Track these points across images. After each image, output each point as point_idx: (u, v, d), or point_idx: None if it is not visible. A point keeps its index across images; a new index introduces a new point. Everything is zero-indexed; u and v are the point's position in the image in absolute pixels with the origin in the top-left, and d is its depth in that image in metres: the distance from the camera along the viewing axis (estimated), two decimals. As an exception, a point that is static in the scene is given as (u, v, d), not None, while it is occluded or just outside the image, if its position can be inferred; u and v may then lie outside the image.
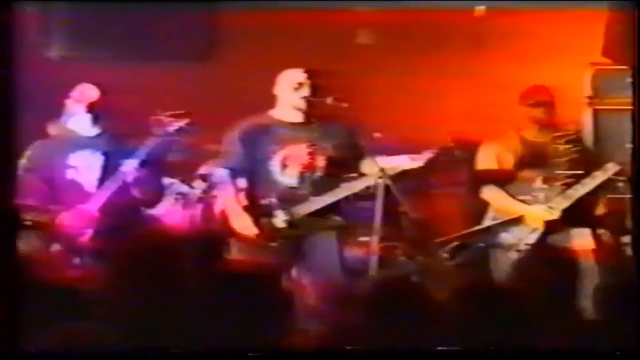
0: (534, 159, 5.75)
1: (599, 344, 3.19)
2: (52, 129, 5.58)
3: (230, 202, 5.56)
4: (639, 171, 4.66)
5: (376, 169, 5.44)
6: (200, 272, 3.39)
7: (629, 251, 5.50)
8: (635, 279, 3.93)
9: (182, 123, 5.47)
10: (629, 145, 5.07)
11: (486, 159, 5.85)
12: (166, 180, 6.50)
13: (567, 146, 5.74)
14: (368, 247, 5.68)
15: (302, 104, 5.52)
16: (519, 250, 5.60)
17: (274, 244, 5.47)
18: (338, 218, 5.56)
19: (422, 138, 6.15)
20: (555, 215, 5.60)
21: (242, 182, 5.62)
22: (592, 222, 5.74)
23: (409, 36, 7.44)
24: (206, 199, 6.54)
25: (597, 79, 7.09)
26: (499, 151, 5.81)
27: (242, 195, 5.58)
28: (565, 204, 5.62)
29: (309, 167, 5.52)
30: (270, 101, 5.73)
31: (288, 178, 5.53)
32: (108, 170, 5.47)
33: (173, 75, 7.22)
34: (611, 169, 5.58)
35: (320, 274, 5.33)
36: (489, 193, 5.80)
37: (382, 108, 6.81)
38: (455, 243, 5.71)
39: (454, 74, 7.39)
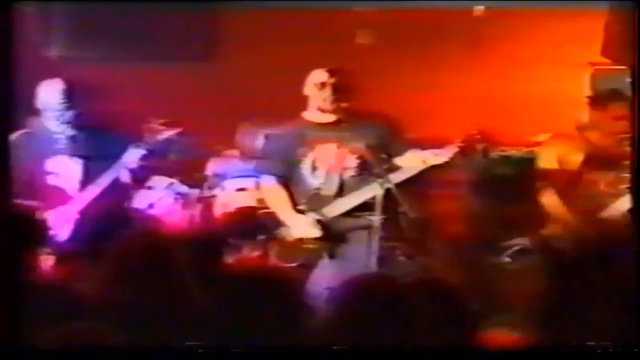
0: (597, 161, 5.60)
1: (599, 344, 3.19)
2: (34, 124, 5.54)
3: (282, 206, 5.53)
4: (638, 171, 4.65)
5: (410, 164, 5.42)
6: (203, 272, 3.40)
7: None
8: (635, 279, 3.92)
9: (172, 132, 5.41)
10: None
11: (548, 160, 5.69)
12: (166, 180, 6.52)
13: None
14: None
15: (325, 104, 5.47)
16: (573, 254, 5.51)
17: (310, 246, 5.45)
18: (371, 217, 5.47)
19: (423, 138, 6.16)
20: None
21: (284, 186, 5.59)
22: None
23: (409, 36, 7.44)
24: (206, 199, 6.55)
25: (596, 79, 7.09)
26: (562, 152, 5.65)
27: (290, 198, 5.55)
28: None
29: (337, 167, 5.50)
30: (270, 101, 5.73)
31: (319, 179, 5.51)
32: (90, 170, 5.44)
33: (173, 75, 7.23)
34: None
35: (351, 274, 5.27)
36: (547, 198, 5.66)
37: (381, 108, 6.80)
38: (519, 246, 5.62)
39: (453, 74, 7.40)
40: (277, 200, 5.51)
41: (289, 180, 5.52)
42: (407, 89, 7.31)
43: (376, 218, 5.39)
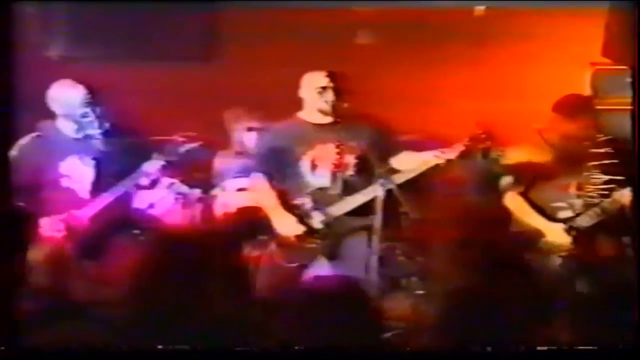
0: (567, 165, 5.56)
1: (599, 344, 3.19)
2: (43, 127, 5.55)
3: (271, 205, 5.55)
4: (638, 172, 4.66)
5: (409, 165, 5.43)
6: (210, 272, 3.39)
7: (628, 251, 5.48)
8: (635, 279, 3.92)
9: (193, 145, 5.46)
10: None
11: (517, 163, 5.66)
12: (167, 180, 6.52)
13: (600, 150, 5.55)
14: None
15: (327, 107, 5.51)
16: (561, 256, 5.46)
17: (312, 245, 5.48)
18: (371, 217, 5.48)
19: (423, 137, 6.16)
20: (572, 237, 5.47)
21: (276, 185, 5.61)
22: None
23: (409, 36, 7.44)
24: (206, 199, 6.55)
25: (597, 79, 7.09)
26: (529, 156, 5.63)
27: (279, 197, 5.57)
28: (595, 218, 5.49)
29: (339, 167, 5.53)
30: (270, 101, 5.74)
31: (319, 179, 5.53)
32: (102, 176, 5.46)
33: (173, 75, 7.23)
34: None
35: (351, 275, 5.27)
36: (512, 201, 5.65)
37: (382, 108, 6.81)
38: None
39: (454, 74, 7.40)
40: (268, 199, 5.55)
41: (283, 179, 5.55)
42: (407, 89, 7.31)
43: (376, 218, 5.41)
